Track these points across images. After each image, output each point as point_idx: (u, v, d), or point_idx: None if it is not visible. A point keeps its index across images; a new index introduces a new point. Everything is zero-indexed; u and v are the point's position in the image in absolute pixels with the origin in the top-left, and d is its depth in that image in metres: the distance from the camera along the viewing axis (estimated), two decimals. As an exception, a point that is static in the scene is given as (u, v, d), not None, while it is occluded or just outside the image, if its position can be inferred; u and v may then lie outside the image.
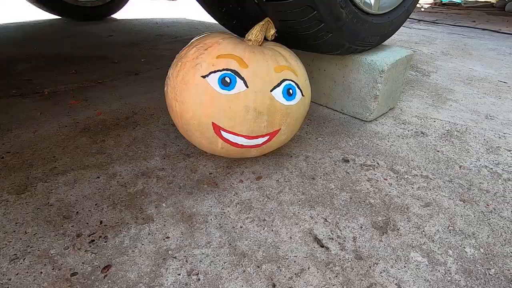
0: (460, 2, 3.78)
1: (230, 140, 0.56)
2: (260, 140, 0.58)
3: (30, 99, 0.92)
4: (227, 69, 0.53)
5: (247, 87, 0.53)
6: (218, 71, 0.53)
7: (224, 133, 0.55)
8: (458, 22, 2.52)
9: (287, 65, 0.58)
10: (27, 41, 1.53)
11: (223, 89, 0.52)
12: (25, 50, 1.39)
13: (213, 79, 0.52)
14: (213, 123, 0.54)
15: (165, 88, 0.61)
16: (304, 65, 0.92)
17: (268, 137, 0.58)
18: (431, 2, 3.94)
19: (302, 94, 0.60)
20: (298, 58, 0.65)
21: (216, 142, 0.57)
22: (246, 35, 0.61)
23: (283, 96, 0.56)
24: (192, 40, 0.61)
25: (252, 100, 0.53)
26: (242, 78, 0.52)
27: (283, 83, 0.56)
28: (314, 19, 0.61)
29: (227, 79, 0.52)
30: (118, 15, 2.31)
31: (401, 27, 2.27)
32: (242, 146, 0.58)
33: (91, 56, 1.33)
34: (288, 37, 0.69)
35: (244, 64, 0.53)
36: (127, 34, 1.75)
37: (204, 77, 0.53)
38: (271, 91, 0.55)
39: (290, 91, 0.57)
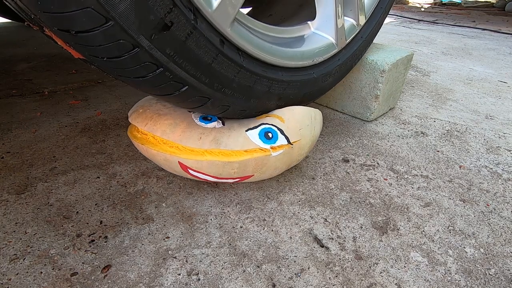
0: (460, 2, 3.78)
1: (199, 177, 0.52)
2: (230, 180, 0.54)
3: (30, 99, 0.92)
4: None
5: (223, 124, 0.51)
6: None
7: (191, 171, 0.51)
8: (458, 22, 2.52)
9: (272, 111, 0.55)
10: (27, 41, 1.53)
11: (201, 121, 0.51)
12: (25, 50, 1.40)
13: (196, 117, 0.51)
14: (179, 162, 0.50)
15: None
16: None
17: (239, 179, 0.54)
18: (431, 2, 3.94)
19: (289, 142, 0.52)
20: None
21: (186, 175, 0.53)
22: None
23: (260, 138, 0.51)
24: None
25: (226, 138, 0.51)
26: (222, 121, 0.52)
27: (260, 126, 0.52)
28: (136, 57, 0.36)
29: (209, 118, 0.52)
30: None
31: (402, 27, 2.27)
32: (212, 181, 0.55)
33: (91, 56, 1.33)
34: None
35: None
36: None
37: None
38: (246, 131, 0.51)
39: (269, 134, 0.52)
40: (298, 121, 0.55)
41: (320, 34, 0.63)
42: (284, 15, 0.79)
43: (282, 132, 0.53)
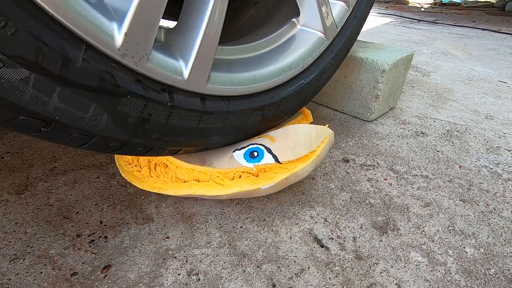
0: (460, 2, 3.78)
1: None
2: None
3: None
4: None
5: (278, 161, 0.50)
6: None
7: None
8: (458, 22, 2.52)
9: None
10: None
11: None
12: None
13: None
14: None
15: None
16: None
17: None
18: (431, 2, 3.94)
19: (277, 161, 0.49)
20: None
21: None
22: None
23: (244, 158, 0.50)
24: None
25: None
26: None
27: (248, 146, 0.51)
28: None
29: None
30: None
31: (402, 27, 2.26)
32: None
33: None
34: None
35: None
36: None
37: None
38: (233, 152, 0.51)
39: (255, 153, 0.50)
40: (291, 139, 0.52)
41: (308, 30, 0.58)
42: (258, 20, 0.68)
43: (269, 150, 0.50)
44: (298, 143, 0.51)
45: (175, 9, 0.44)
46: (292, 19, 0.57)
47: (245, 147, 0.52)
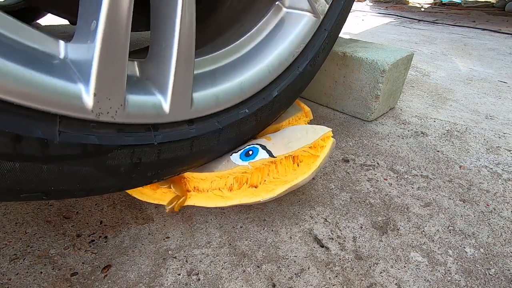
0: (460, 2, 3.78)
1: None
2: None
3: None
4: None
5: (272, 156, 0.51)
6: None
7: None
8: (458, 22, 2.52)
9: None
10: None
11: None
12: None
13: None
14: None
15: None
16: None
17: None
18: (431, 2, 3.94)
19: (271, 155, 0.49)
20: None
21: None
22: None
23: (240, 158, 0.51)
24: None
25: None
26: None
27: (245, 147, 0.52)
28: None
29: None
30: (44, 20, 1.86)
31: (402, 27, 2.27)
32: None
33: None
34: None
35: None
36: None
37: None
38: (230, 154, 0.52)
39: (250, 152, 0.50)
40: (286, 136, 0.52)
41: (295, 12, 0.52)
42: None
43: (263, 147, 0.51)
44: (293, 138, 0.52)
45: (143, 18, 0.41)
46: (276, 2, 0.52)
47: (241, 149, 0.52)
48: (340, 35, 1.93)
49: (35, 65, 0.29)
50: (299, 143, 0.51)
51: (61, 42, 0.32)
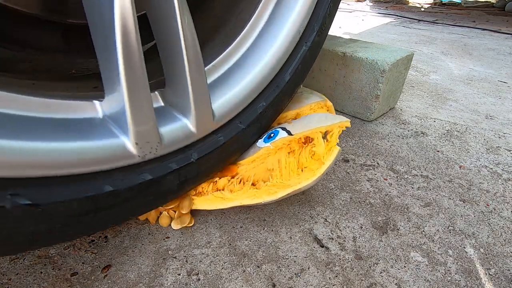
0: (460, 2, 3.78)
1: None
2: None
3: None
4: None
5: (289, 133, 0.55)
6: None
7: None
8: (458, 22, 2.52)
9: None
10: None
11: None
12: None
13: None
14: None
15: None
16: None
17: None
18: (431, 2, 3.94)
19: (289, 133, 0.53)
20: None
21: None
22: None
23: (264, 141, 0.54)
24: None
25: None
26: None
27: (267, 132, 0.56)
28: None
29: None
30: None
31: (402, 27, 2.27)
32: None
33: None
34: None
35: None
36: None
37: None
38: (256, 141, 0.55)
39: (272, 134, 0.54)
40: (306, 119, 0.56)
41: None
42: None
43: (284, 129, 0.54)
44: (312, 120, 0.55)
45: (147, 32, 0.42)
46: None
47: (265, 134, 0.56)
48: (340, 35, 1.93)
49: (83, 134, 0.33)
50: (317, 124, 0.54)
51: (96, 103, 0.36)
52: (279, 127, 0.55)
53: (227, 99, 0.46)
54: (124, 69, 0.31)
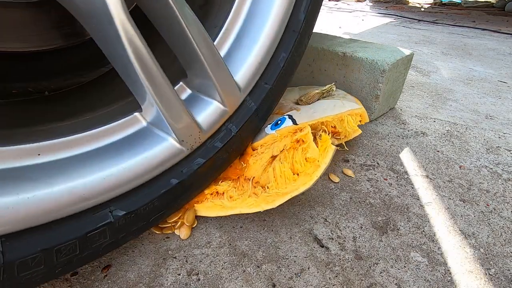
0: (460, 2, 3.78)
1: None
2: None
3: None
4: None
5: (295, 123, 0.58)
6: None
7: None
8: (458, 22, 2.52)
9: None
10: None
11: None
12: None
13: None
14: None
15: None
16: (305, 66, 0.92)
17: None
18: (431, 2, 3.94)
19: (294, 123, 0.55)
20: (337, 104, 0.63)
21: None
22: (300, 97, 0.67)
23: (271, 128, 0.56)
24: None
25: None
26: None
27: (275, 118, 0.58)
28: None
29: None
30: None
31: (402, 27, 2.27)
32: None
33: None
34: None
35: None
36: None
37: None
38: (265, 127, 0.58)
39: (278, 122, 0.57)
40: (313, 107, 0.57)
41: None
42: None
43: (290, 117, 0.56)
44: (319, 109, 0.57)
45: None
46: None
47: (273, 120, 0.58)
48: (340, 35, 1.93)
49: (141, 148, 0.40)
50: (322, 113, 0.56)
51: (137, 114, 0.41)
52: (286, 115, 0.56)
53: (247, 64, 0.47)
54: (148, 82, 0.36)
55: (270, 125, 0.57)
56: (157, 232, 0.50)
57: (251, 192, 0.50)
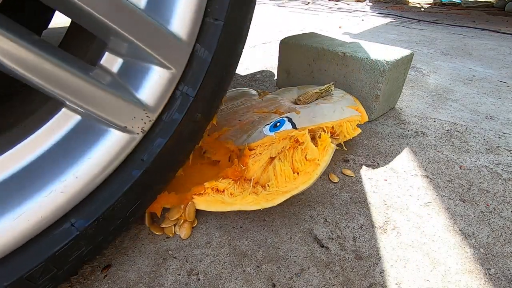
0: (460, 2, 3.78)
1: None
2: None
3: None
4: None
5: (295, 127, 0.58)
6: None
7: None
8: (458, 22, 2.52)
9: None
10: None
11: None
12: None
13: None
14: None
15: None
16: (305, 66, 0.92)
17: None
18: (431, 2, 3.94)
19: (294, 127, 0.56)
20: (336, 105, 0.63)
21: None
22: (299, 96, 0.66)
23: (269, 129, 0.56)
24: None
25: None
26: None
27: (274, 119, 0.58)
28: None
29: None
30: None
31: (402, 27, 2.27)
32: None
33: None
34: None
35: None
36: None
37: None
38: (263, 127, 0.58)
39: (277, 124, 0.57)
40: (314, 111, 0.57)
41: None
42: None
43: (290, 120, 0.56)
44: (319, 114, 0.57)
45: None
46: None
47: (272, 121, 0.57)
48: (340, 35, 1.93)
49: (78, 150, 0.34)
50: (322, 119, 0.56)
51: (65, 110, 0.33)
52: (286, 116, 0.56)
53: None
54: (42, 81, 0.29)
55: (269, 126, 0.57)
56: (157, 233, 0.50)
57: (251, 191, 0.50)
